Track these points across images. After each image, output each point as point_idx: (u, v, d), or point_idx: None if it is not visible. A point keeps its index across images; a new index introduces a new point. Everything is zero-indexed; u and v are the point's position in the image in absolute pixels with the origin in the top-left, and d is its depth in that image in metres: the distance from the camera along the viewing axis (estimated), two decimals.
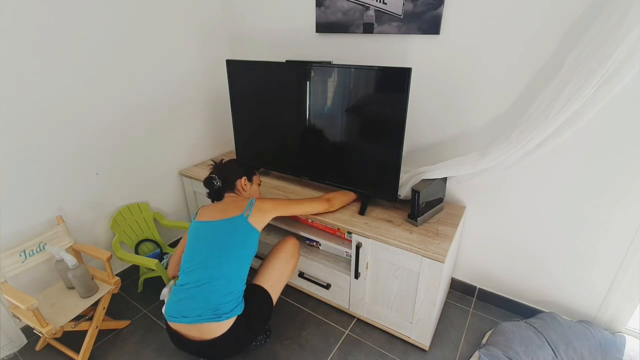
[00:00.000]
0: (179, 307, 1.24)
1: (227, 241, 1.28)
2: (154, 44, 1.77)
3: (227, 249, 1.27)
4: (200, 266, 1.26)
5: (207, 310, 1.20)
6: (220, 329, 1.19)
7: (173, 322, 1.24)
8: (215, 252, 1.26)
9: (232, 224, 1.30)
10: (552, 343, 1.40)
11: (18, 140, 1.39)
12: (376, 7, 1.53)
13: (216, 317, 1.18)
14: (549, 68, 1.27)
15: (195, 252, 1.30)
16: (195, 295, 1.22)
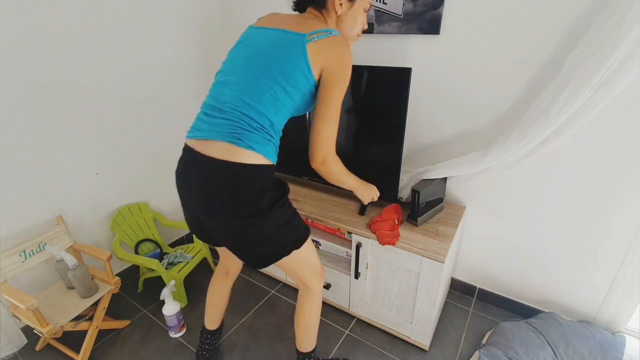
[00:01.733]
0: (196, 123, 1.03)
1: (272, 57, 0.94)
2: (154, 44, 1.77)
3: (269, 68, 0.93)
4: (232, 81, 0.97)
5: (224, 131, 0.92)
6: (237, 154, 0.90)
7: (188, 138, 1.01)
8: (253, 64, 0.95)
9: (286, 39, 0.94)
10: (552, 343, 1.40)
11: (18, 140, 1.39)
12: (376, 7, 1.53)
13: (235, 140, 0.91)
14: (550, 68, 1.27)
15: (233, 63, 1.03)
16: (215, 115, 0.96)
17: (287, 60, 0.92)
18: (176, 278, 1.68)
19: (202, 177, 0.94)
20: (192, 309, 1.75)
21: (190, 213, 1.08)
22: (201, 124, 0.99)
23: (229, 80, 0.99)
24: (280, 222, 1.00)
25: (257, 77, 0.93)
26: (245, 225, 0.96)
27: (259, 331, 1.62)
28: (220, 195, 0.93)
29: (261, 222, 0.96)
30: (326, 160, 1.02)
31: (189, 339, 1.58)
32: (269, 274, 1.96)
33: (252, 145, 0.91)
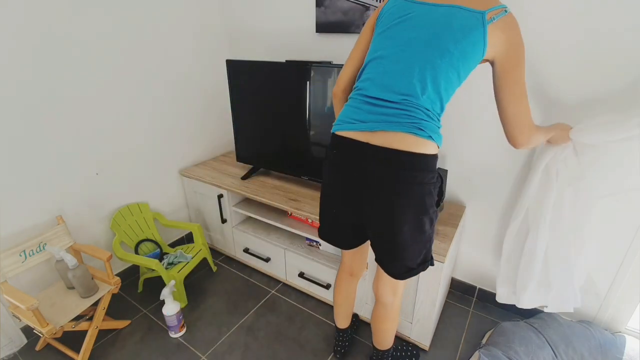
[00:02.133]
0: (355, 115, 0.94)
1: (445, 39, 0.85)
2: (154, 44, 1.77)
3: (448, 55, 0.85)
4: (401, 77, 0.89)
5: (400, 121, 0.87)
6: (415, 144, 0.86)
7: (342, 130, 0.94)
8: (423, 50, 0.87)
9: (464, 18, 0.84)
10: (552, 343, 1.40)
11: (18, 140, 1.39)
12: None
13: (416, 130, 0.86)
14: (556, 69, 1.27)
15: (397, 54, 0.90)
16: (385, 105, 0.89)
17: (467, 43, 0.85)
18: (176, 278, 1.68)
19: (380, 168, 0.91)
20: (192, 309, 1.75)
21: (342, 209, 1.05)
22: (366, 115, 0.92)
23: (397, 67, 0.91)
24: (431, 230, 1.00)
25: (434, 63, 0.86)
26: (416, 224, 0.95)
27: (259, 331, 1.62)
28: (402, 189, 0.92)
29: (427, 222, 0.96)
30: (531, 139, 0.99)
31: (189, 339, 1.58)
32: (269, 273, 1.96)
33: (431, 135, 0.89)
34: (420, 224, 0.95)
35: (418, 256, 1.01)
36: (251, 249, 1.95)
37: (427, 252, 1.03)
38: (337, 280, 1.35)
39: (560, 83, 1.28)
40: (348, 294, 1.36)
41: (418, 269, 1.04)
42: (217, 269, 2.04)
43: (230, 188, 1.83)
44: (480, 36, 0.84)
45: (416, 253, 1.01)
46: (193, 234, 1.92)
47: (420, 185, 0.91)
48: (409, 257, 1.01)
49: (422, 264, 1.04)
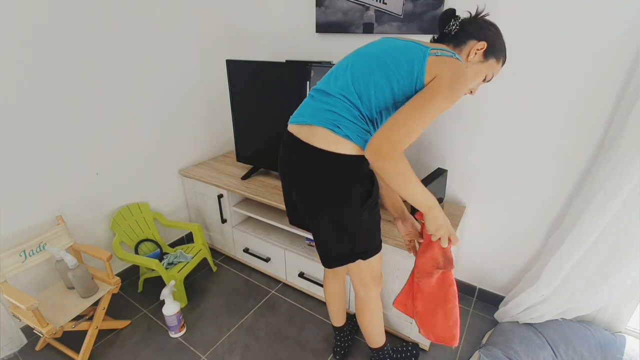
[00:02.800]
0: (300, 108, 1.05)
1: (389, 54, 0.93)
2: (154, 44, 1.77)
3: (383, 64, 0.91)
4: (340, 72, 0.97)
5: (324, 117, 0.94)
6: (332, 142, 0.92)
7: (290, 123, 1.05)
8: (368, 59, 0.95)
9: (409, 45, 0.94)
10: (552, 343, 1.40)
11: (18, 140, 1.39)
12: (376, 7, 1.53)
13: (334, 127, 0.92)
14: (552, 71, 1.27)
15: (348, 58, 1.01)
16: (320, 99, 0.98)
17: (404, 60, 0.90)
18: (176, 278, 1.68)
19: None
20: (192, 309, 1.75)
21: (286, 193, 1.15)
22: (305, 109, 1.03)
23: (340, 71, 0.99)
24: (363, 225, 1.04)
25: (372, 70, 0.92)
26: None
27: (259, 331, 1.62)
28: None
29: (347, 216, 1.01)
30: (390, 151, 0.82)
31: (189, 339, 1.58)
32: (269, 273, 1.96)
33: (349, 134, 0.92)
34: (337, 221, 1.01)
35: (341, 248, 1.06)
36: (251, 249, 1.95)
37: (351, 245, 1.06)
38: (324, 278, 1.39)
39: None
40: (335, 292, 1.38)
41: (344, 260, 1.08)
42: (217, 269, 2.04)
43: (230, 188, 1.83)
44: (419, 59, 0.88)
45: (338, 245, 1.06)
46: (193, 234, 1.92)
47: (328, 182, 0.96)
48: (328, 248, 1.08)
49: (349, 255, 1.07)
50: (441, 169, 1.52)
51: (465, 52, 0.99)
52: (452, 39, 1.00)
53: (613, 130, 1.20)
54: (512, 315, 1.55)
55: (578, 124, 1.30)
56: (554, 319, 1.49)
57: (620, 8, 1.12)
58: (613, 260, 1.27)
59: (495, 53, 1.00)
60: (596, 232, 1.23)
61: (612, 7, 1.13)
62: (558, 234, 1.39)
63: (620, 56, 1.16)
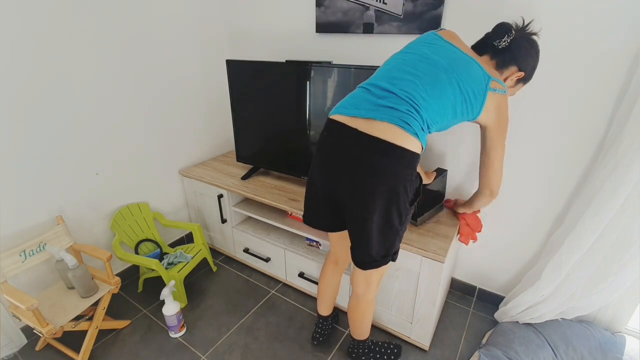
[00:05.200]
0: (352, 100, 1.00)
1: (459, 75, 0.96)
2: (154, 44, 1.77)
3: (455, 83, 0.95)
4: (403, 74, 0.97)
5: (389, 113, 0.92)
6: (400, 138, 0.90)
7: (335, 114, 0.99)
8: (437, 70, 0.95)
9: (474, 68, 0.98)
10: (552, 343, 1.40)
11: (18, 140, 1.39)
12: (376, 7, 1.53)
13: (404, 124, 0.91)
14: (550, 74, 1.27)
15: (411, 58, 1.00)
16: (382, 95, 0.95)
17: (471, 91, 0.97)
18: (176, 278, 1.68)
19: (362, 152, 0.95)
20: (192, 309, 1.75)
21: (323, 188, 1.08)
22: (361, 102, 0.98)
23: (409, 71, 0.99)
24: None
25: (441, 85, 0.96)
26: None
27: (259, 331, 1.62)
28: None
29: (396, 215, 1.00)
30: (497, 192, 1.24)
31: (189, 339, 1.58)
32: (269, 273, 1.96)
33: (417, 132, 0.92)
34: (389, 216, 0.98)
35: (382, 248, 1.04)
36: (251, 249, 1.95)
37: (390, 245, 1.05)
38: (323, 267, 1.40)
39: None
40: (331, 283, 1.40)
41: (380, 262, 1.06)
42: (217, 269, 2.04)
43: (230, 188, 1.83)
44: (481, 90, 0.98)
45: (380, 244, 1.03)
46: (193, 234, 1.92)
47: (395, 177, 0.94)
48: (373, 246, 1.03)
49: (385, 257, 1.06)
50: (441, 168, 1.53)
51: (505, 76, 1.08)
52: (497, 56, 1.06)
53: (613, 130, 1.20)
54: (512, 315, 1.55)
55: (578, 124, 1.30)
56: (554, 319, 1.49)
57: (620, 9, 1.12)
58: (613, 260, 1.27)
59: (525, 80, 1.11)
60: (596, 232, 1.23)
61: (612, 8, 1.13)
62: (558, 234, 1.39)
63: (620, 56, 1.16)
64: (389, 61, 1.04)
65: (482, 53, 1.08)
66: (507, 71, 1.07)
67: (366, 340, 1.39)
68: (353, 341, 1.40)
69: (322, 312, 1.48)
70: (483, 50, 1.08)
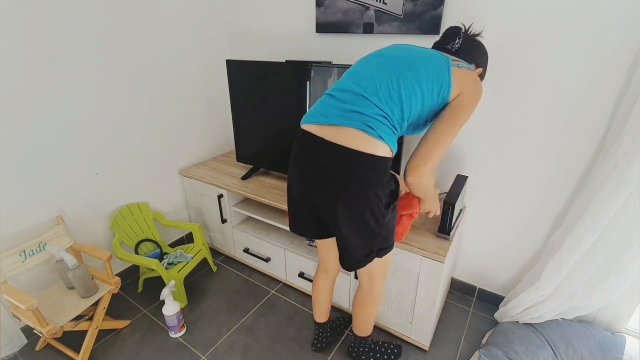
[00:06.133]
0: (319, 108, 1.01)
1: (418, 60, 0.96)
2: (154, 44, 1.77)
3: (415, 70, 0.94)
4: (366, 74, 0.98)
5: (354, 118, 0.92)
6: (367, 144, 0.91)
7: (305, 123, 1.00)
8: (400, 64, 0.96)
9: (433, 54, 0.99)
10: (552, 343, 1.40)
11: (18, 140, 1.39)
12: (376, 7, 1.53)
13: (367, 128, 0.91)
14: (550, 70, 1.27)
15: (372, 59, 1.02)
16: (348, 100, 0.96)
17: (433, 69, 0.95)
18: (176, 278, 1.68)
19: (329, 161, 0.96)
20: (192, 309, 1.75)
21: (302, 198, 1.09)
22: (328, 109, 0.99)
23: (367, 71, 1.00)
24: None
25: (402, 73, 0.95)
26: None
27: (259, 331, 1.62)
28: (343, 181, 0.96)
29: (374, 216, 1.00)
30: (429, 174, 0.98)
31: (189, 339, 1.58)
32: (269, 273, 1.96)
33: (382, 135, 0.92)
34: (364, 221, 0.99)
35: (363, 250, 1.06)
36: (251, 249, 1.95)
37: (372, 246, 1.06)
38: (315, 276, 1.40)
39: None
40: (323, 291, 1.40)
41: (364, 261, 1.08)
42: (217, 269, 2.04)
43: (230, 188, 1.83)
44: (446, 71, 0.95)
45: (361, 247, 1.05)
46: (193, 234, 1.92)
47: (364, 184, 0.94)
48: (352, 250, 1.06)
49: (369, 255, 1.07)
50: (461, 175, 1.51)
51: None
52: (460, 57, 1.06)
53: (613, 130, 1.20)
54: (512, 315, 1.55)
55: (578, 124, 1.30)
56: (554, 319, 1.49)
57: (620, 9, 1.12)
58: (613, 260, 1.27)
59: (482, 78, 1.14)
60: (596, 232, 1.23)
61: (612, 8, 1.13)
62: (558, 234, 1.39)
63: (620, 56, 1.16)
64: (354, 66, 1.06)
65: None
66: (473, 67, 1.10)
67: (368, 338, 1.38)
68: (355, 339, 1.40)
69: (318, 320, 1.48)
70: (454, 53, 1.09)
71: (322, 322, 1.48)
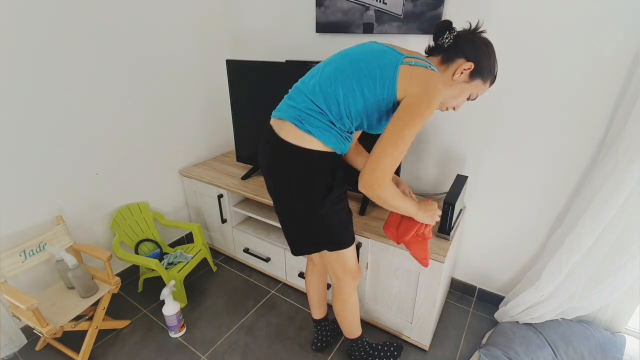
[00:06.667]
0: (279, 105, 1.11)
1: (362, 57, 0.98)
2: (153, 44, 1.77)
3: (356, 67, 0.96)
4: (315, 71, 1.04)
5: (291, 112, 1.01)
6: (297, 137, 0.97)
7: (272, 117, 1.11)
8: (344, 60, 1.00)
9: (385, 51, 0.98)
10: (552, 343, 1.40)
11: (18, 140, 1.39)
12: (376, 7, 1.53)
13: (298, 122, 0.98)
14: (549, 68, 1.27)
15: (329, 59, 1.06)
16: (293, 96, 1.05)
17: (377, 65, 0.94)
18: (176, 278, 1.68)
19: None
20: (192, 309, 1.75)
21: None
22: (282, 104, 1.09)
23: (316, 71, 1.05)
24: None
25: (342, 70, 0.98)
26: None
27: (259, 331, 1.62)
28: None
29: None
30: (380, 184, 0.91)
31: (189, 339, 1.58)
32: (269, 273, 1.96)
33: (311, 130, 0.97)
34: (298, 211, 1.07)
35: (304, 239, 1.13)
36: (251, 249, 1.95)
37: (317, 237, 1.11)
38: (306, 270, 1.43)
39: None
40: (314, 283, 1.41)
41: (308, 249, 1.15)
42: (217, 269, 2.04)
43: (230, 188, 1.83)
44: (392, 65, 0.92)
45: (299, 235, 1.14)
46: (193, 234, 1.92)
47: (291, 173, 1.02)
48: (292, 237, 1.16)
49: (313, 245, 1.13)
50: (461, 175, 1.52)
51: (452, 70, 0.99)
52: (443, 52, 1.00)
53: (613, 130, 1.20)
54: (512, 315, 1.55)
55: (578, 124, 1.30)
56: (554, 319, 1.49)
57: (620, 9, 1.12)
58: (613, 260, 1.27)
59: (482, 74, 1.00)
60: (597, 232, 1.23)
61: (612, 8, 1.13)
62: (558, 234, 1.39)
63: (620, 56, 1.16)
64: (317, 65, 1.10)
65: (431, 56, 1.05)
66: (453, 64, 0.99)
67: (359, 339, 1.38)
68: (348, 342, 1.40)
69: (315, 316, 1.47)
70: (432, 52, 1.05)
71: (320, 319, 1.48)
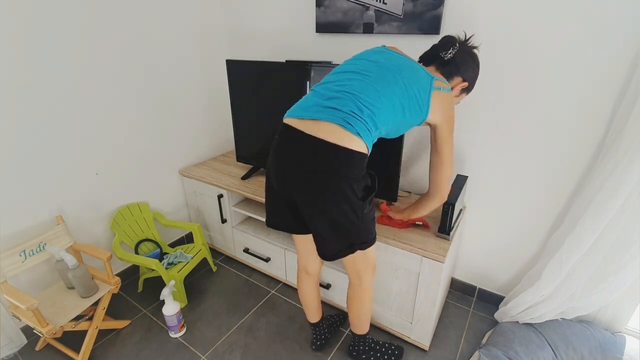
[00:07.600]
0: (302, 103, 1.05)
1: (403, 72, 1.02)
2: (153, 44, 1.77)
3: (401, 83, 1.00)
4: (350, 76, 1.03)
5: (333, 114, 0.95)
6: (344, 138, 0.93)
7: (287, 117, 1.05)
8: (384, 71, 1.01)
9: (418, 70, 1.05)
10: (552, 343, 1.40)
11: (18, 140, 1.39)
12: (376, 7, 1.53)
13: (345, 123, 0.94)
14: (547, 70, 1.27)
15: (360, 62, 1.06)
16: (328, 96, 1.00)
17: (417, 89, 1.02)
18: (176, 278, 1.68)
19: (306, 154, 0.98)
20: (192, 309, 1.75)
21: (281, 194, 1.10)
22: (309, 104, 1.03)
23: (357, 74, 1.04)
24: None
25: (387, 79, 1.01)
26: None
27: (259, 331, 1.62)
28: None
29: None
30: (447, 194, 1.23)
31: (189, 339, 1.58)
32: (269, 273, 1.96)
33: (360, 132, 0.95)
34: (343, 213, 1.00)
35: (342, 242, 1.06)
36: (251, 249, 1.95)
37: (354, 239, 1.06)
38: (297, 279, 1.40)
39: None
40: (307, 292, 1.40)
41: (345, 252, 1.08)
42: (217, 269, 2.04)
43: (230, 188, 1.83)
44: (427, 91, 1.03)
45: (338, 239, 1.05)
46: (193, 234, 1.92)
47: (339, 177, 0.96)
48: (330, 242, 1.06)
49: (349, 247, 1.07)
50: (460, 175, 1.51)
51: (451, 85, 1.15)
52: (442, 67, 1.13)
53: (613, 130, 1.20)
54: (512, 315, 1.55)
55: (578, 124, 1.30)
56: (554, 319, 1.50)
57: (620, 9, 1.12)
58: (613, 260, 1.27)
59: (469, 91, 1.21)
60: (597, 232, 1.23)
61: (612, 8, 1.13)
62: (558, 234, 1.39)
63: (620, 57, 1.16)
64: (340, 66, 1.10)
65: (429, 64, 1.16)
66: (452, 82, 1.15)
67: (366, 336, 1.38)
68: (353, 337, 1.40)
69: (311, 320, 1.47)
70: (430, 61, 1.15)
71: (316, 322, 1.48)
